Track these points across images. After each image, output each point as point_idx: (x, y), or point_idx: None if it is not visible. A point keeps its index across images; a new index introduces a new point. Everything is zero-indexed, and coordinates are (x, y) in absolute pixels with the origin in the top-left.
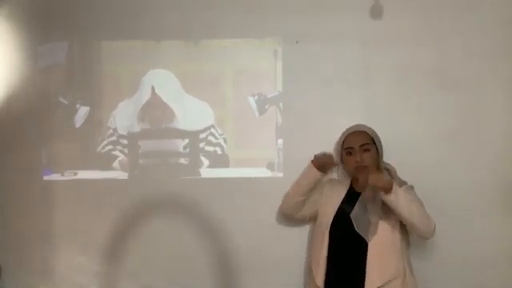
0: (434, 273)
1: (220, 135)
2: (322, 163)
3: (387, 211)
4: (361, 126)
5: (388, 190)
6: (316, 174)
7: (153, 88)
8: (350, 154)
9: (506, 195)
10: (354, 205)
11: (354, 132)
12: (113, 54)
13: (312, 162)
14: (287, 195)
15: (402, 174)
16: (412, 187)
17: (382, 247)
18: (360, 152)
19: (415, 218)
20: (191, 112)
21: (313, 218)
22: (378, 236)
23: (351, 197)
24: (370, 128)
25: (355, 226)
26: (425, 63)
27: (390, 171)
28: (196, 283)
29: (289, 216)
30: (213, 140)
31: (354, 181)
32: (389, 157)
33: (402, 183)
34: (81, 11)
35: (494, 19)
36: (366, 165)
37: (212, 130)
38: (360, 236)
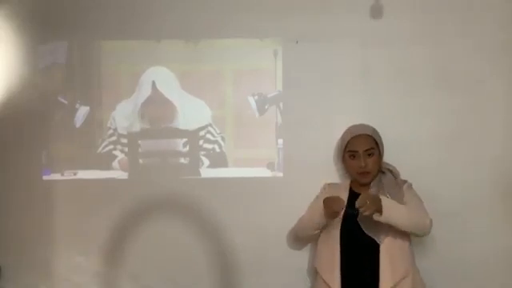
0: (434, 273)
1: (218, 134)
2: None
3: None
4: (365, 127)
5: (379, 211)
6: (322, 212)
7: (153, 83)
8: (354, 157)
9: (506, 195)
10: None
11: (359, 135)
12: (113, 54)
13: (324, 208)
14: (301, 225)
15: (402, 173)
16: (410, 185)
17: (392, 247)
18: (364, 157)
19: (409, 228)
20: (190, 111)
21: None
22: (389, 236)
23: (353, 199)
24: (373, 129)
25: (364, 229)
26: (425, 63)
27: (392, 172)
28: (196, 283)
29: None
30: (211, 138)
31: (353, 182)
32: (389, 157)
33: (402, 183)
34: (81, 11)
35: (493, 19)
36: (369, 171)
37: (209, 128)
38: (370, 238)
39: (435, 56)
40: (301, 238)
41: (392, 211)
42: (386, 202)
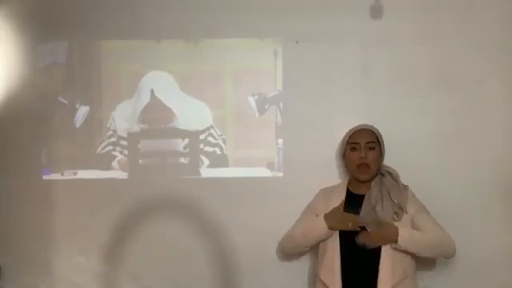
0: (434, 272)
1: (219, 136)
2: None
3: (397, 211)
4: (368, 125)
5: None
6: (327, 232)
7: (152, 91)
8: (355, 149)
9: (505, 195)
10: (357, 207)
11: (361, 129)
12: (113, 54)
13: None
14: (291, 241)
15: (402, 174)
16: (412, 193)
17: (394, 248)
18: (365, 149)
19: (431, 255)
20: (190, 112)
21: None
22: None
23: (351, 200)
24: (376, 128)
25: (368, 229)
26: (425, 63)
27: (392, 175)
28: (196, 283)
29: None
30: (212, 140)
31: (351, 183)
32: (389, 157)
33: (404, 187)
34: (81, 11)
35: (493, 19)
36: (369, 163)
37: (211, 130)
38: None
39: (435, 56)
40: (289, 253)
41: (410, 242)
42: (404, 234)
